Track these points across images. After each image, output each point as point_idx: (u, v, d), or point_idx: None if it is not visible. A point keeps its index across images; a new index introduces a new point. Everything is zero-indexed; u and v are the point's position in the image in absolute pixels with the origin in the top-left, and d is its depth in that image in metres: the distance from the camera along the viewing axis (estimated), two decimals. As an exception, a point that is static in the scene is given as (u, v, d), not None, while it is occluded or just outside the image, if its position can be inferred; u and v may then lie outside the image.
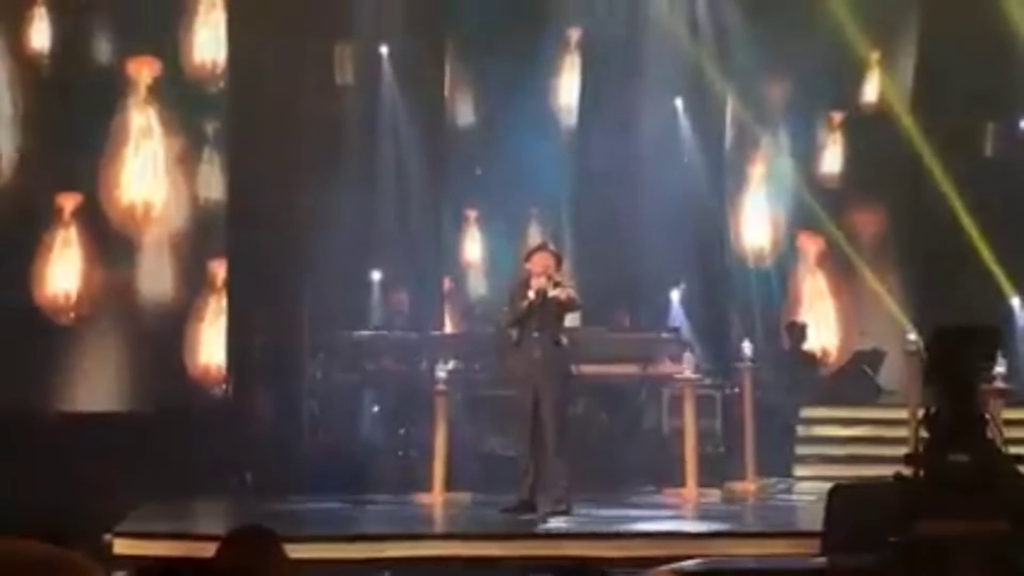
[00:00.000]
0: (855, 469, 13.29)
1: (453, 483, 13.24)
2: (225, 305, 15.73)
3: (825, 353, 17.40)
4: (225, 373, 15.57)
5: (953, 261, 16.44)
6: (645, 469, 14.13)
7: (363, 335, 15.29)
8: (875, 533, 8.68)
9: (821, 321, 17.50)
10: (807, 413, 15.14)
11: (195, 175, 16.14)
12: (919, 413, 9.32)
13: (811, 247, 17.68)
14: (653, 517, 12.21)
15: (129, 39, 15.91)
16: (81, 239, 15.83)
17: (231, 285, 15.63)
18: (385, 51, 16.24)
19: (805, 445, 14.86)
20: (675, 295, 16.77)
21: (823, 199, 17.29)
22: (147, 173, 16.03)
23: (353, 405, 15.05)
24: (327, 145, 15.43)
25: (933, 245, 16.77)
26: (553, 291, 11.88)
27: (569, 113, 17.21)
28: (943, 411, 8.82)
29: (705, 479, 13.54)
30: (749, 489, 13.71)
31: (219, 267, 15.90)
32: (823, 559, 9.52)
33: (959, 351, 8.96)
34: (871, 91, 17.59)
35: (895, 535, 8.50)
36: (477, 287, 17.13)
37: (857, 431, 14.76)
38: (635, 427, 14.93)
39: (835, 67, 17.00)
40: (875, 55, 17.29)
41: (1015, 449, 9.24)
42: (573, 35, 17.26)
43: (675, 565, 9.22)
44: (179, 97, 16.02)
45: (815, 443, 14.87)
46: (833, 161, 17.80)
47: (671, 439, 14.21)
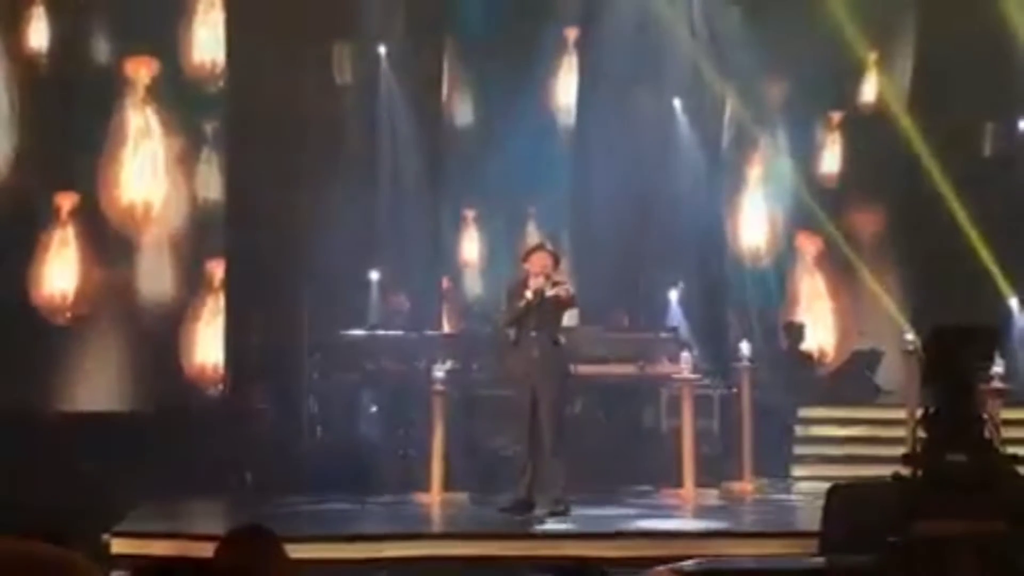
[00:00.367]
0: (853, 469, 13.28)
1: (451, 483, 13.24)
2: (223, 305, 15.73)
3: (823, 353, 17.40)
4: (223, 373, 15.58)
5: (951, 261, 16.43)
6: (643, 469, 14.12)
7: (361, 335, 15.28)
8: (873, 533, 8.67)
9: (819, 321, 17.50)
10: (805, 413, 15.13)
11: (194, 175, 16.14)
12: (917, 413, 9.32)
13: (809, 247, 17.68)
14: (651, 517, 12.21)
15: (127, 39, 15.91)
16: (78, 239, 15.82)
17: (230, 285, 15.62)
18: (384, 51, 16.24)
19: (803, 445, 14.85)
20: (673, 295, 16.77)
21: (821, 199, 17.29)
22: (146, 173, 16.02)
23: (351, 405, 15.04)
24: (326, 145, 15.42)
25: (931, 245, 16.77)
26: (551, 290, 11.87)
27: (567, 113, 17.21)
28: (941, 411, 8.81)
29: (703, 479, 13.55)
30: (747, 489, 13.71)
31: (216, 267, 15.90)
32: (821, 559, 9.53)
33: (957, 351, 8.96)
34: (869, 91, 17.60)
35: (893, 535, 8.50)
36: (475, 287, 17.12)
37: (855, 431, 14.76)
38: (633, 427, 14.92)
39: (833, 67, 16.99)
40: (873, 55, 17.30)
41: (1013, 449, 9.24)
42: (571, 35, 17.26)
43: (673, 565, 9.21)
44: (178, 97, 16.02)
45: (813, 443, 14.86)
46: (831, 161, 17.79)
47: (669, 439, 14.21)
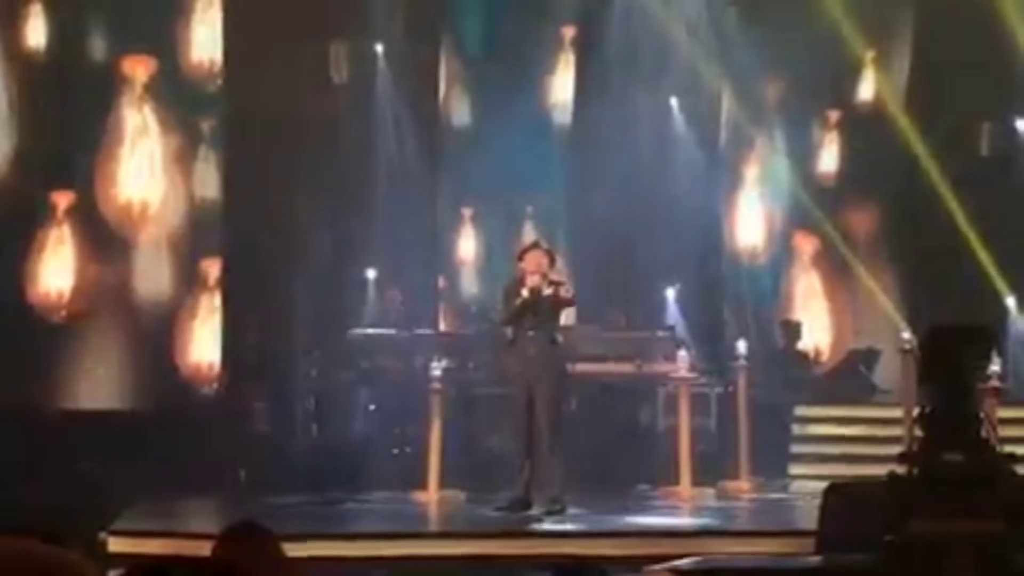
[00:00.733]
0: (850, 468, 13.28)
1: (448, 481, 13.24)
2: (218, 303, 15.72)
3: (818, 352, 17.40)
4: (219, 371, 15.57)
5: (948, 260, 16.41)
6: (640, 467, 14.13)
7: (358, 333, 15.27)
8: (870, 532, 8.67)
9: (816, 320, 17.49)
10: (802, 412, 15.13)
11: (191, 174, 16.13)
12: (914, 412, 9.31)
13: (806, 246, 17.66)
14: (648, 515, 12.23)
15: (125, 37, 15.89)
16: (74, 237, 15.80)
17: (226, 283, 15.62)
18: (380, 50, 16.22)
19: (800, 444, 14.85)
20: (670, 294, 16.75)
21: (818, 198, 17.27)
22: (143, 171, 16.00)
23: (348, 403, 15.02)
24: (323, 144, 15.41)
25: (928, 244, 16.76)
26: (547, 289, 11.86)
27: (564, 111, 17.18)
28: (938, 410, 8.81)
29: (700, 478, 13.54)
30: (743, 488, 13.71)
31: (211, 265, 15.89)
32: (818, 558, 9.53)
33: (954, 350, 8.95)
34: (867, 90, 17.58)
35: (890, 534, 8.50)
36: (472, 286, 17.11)
37: (852, 430, 14.75)
38: (630, 426, 14.91)
39: (831, 66, 16.98)
40: (870, 54, 17.29)
41: (1010, 448, 9.24)
42: (568, 33, 17.24)
43: (670, 564, 9.21)
44: (175, 95, 15.99)
45: (810, 442, 14.86)
46: (828, 160, 17.76)
47: (666, 438, 14.21)
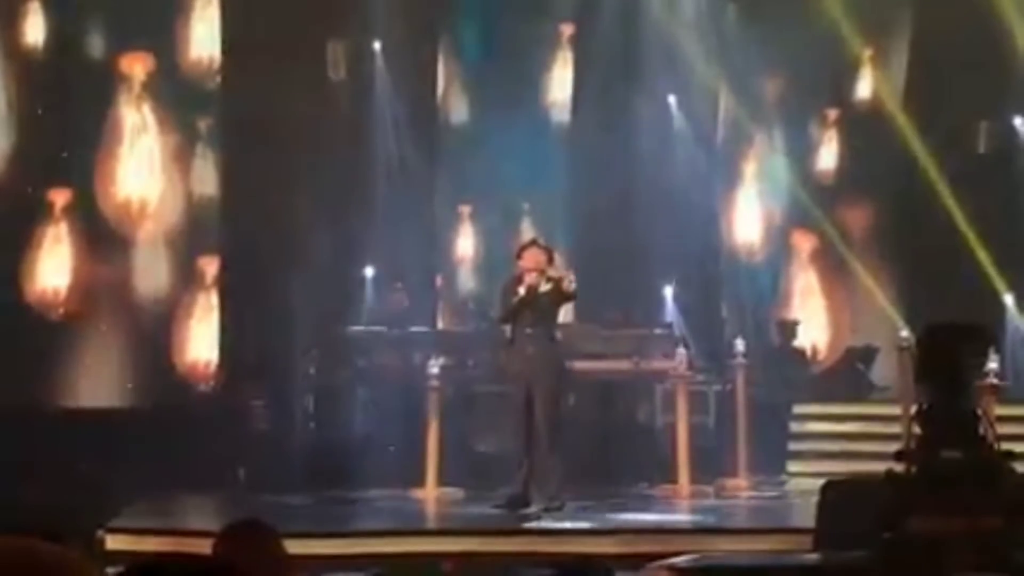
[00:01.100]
0: (848, 465, 13.27)
1: (446, 479, 13.24)
2: (215, 301, 15.73)
3: (816, 349, 17.40)
4: (217, 369, 15.57)
5: (946, 258, 16.41)
6: (638, 465, 14.12)
7: (356, 331, 15.28)
8: (868, 529, 8.67)
9: (813, 318, 17.50)
10: (800, 409, 15.13)
11: (189, 171, 16.13)
12: (912, 409, 9.31)
13: (804, 244, 17.66)
14: (646, 513, 12.23)
15: (124, 35, 15.90)
16: (72, 235, 15.80)
17: (224, 281, 15.62)
18: (378, 47, 16.23)
19: (798, 441, 14.85)
20: (668, 291, 16.76)
21: (817, 196, 17.27)
22: (142, 169, 16.01)
23: (346, 401, 15.04)
24: (321, 141, 15.41)
25: (926, 242, 16.76)
26: (545, 286, 11.86)
27: (562, 109, 17.18)
28: (935, 408, 8.80)
29: (698, 475, 13.54)
30: (741, 485, 13.71)
31: (208, 263, 15.89)
32: (815, 555, 9.53)
33: (952, 348, 8.95)
34: (865, 88, 17.59)
35: (887, 531, 8.50)
36: (470, 283, 17.11)
37: (850, 427, 14.76)
38: (628, 423, 14.92)
39: (829, 64, 16.98)
40: (869, 52, 17.29)
41: (1008, 445, 9.24)
42: (566, 31, 17.24)
43: (668, 561, 9.22)
44: (173, 93, 16.00)
45: (808, 439, 14.86)
46: (827, 158, 17.77)
47: (664, 435, 14.21)
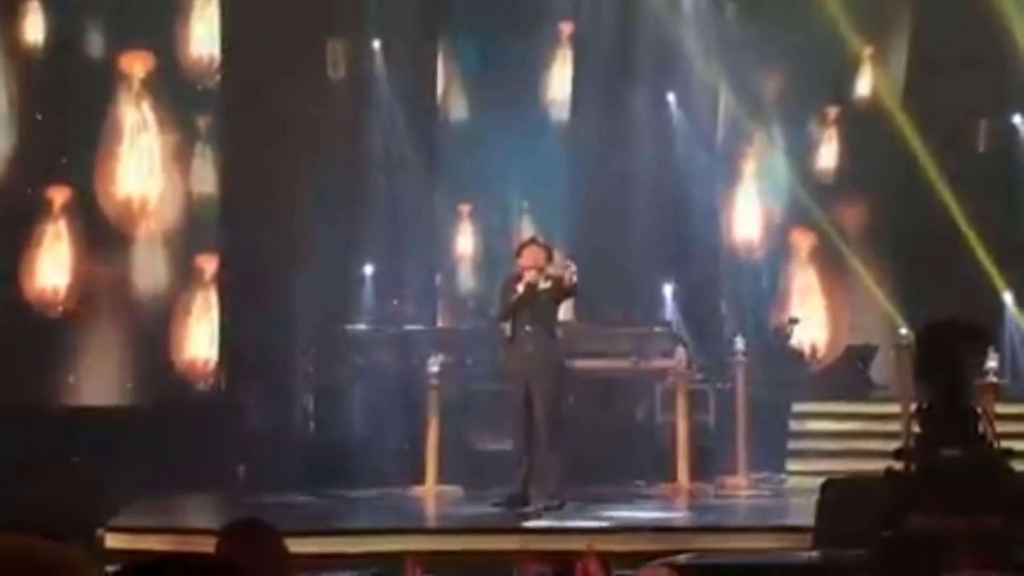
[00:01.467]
0: (847, 463, 13.27)
1: (446, 477, 13.25)
2: (214, 300, 15.73)
3: (816, 348, 17.40)
4: (217, 368, 15.57)
5: (945, 256, 16.41)
6: (637, 463, 14.13)
7: (356, 330, 15.28)
8: (867, 528, 8.67)
9: (813, 316, 17.49)
10: (799, 408, 15.11)
11: (189, 169, 16.13)
12: (911, 408, 9.31)
13: (803, 242, 17.65)
14: (645, 511, 12.23)
15: (123, 33, 15.88)
16: (71, 233, 15.79)
17: (224, 279, 15.62)
18: (378, 46, 16.23)
19: (797, 440, 14.85)
20: (668, 290, 16.76)
21: (816, 194, 17.26)
22: (141, 167, 16.00)
23: (345, 399, 15.04)
24: (320, 139, 15.42)
25: (925, 240, 16.74)
26: (544, 284, 11.87)
27: (562, 107, 17.18)
28: (935, 406, 8.80)
29: (697, 473, 13.55)
30: (741, 483, 13.72)
31: (207, 262, 15.88)
32: (815, 553, 9.53)
33: (951, 346, 8.95)
34: (864, 87, 17.58)
35: (887, 529, 8.50)
36: (470, 282, 17.11)
37: (849, 426, 14.75)
38: (627, 422, 14.92)
39: (829, 62, 16.97)
40: (868, 50, 17.28)
41: (1007, 444, 9.25)
42: (565, 29, 17.24)
43: (668, 559, 9.22)
44: (173, 92, 15.99)
45: (807, 438, 14.85)
46: (826, 156, 17.76)
47: (663, 434, 14.21)
